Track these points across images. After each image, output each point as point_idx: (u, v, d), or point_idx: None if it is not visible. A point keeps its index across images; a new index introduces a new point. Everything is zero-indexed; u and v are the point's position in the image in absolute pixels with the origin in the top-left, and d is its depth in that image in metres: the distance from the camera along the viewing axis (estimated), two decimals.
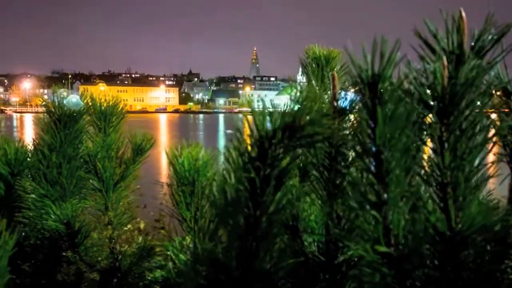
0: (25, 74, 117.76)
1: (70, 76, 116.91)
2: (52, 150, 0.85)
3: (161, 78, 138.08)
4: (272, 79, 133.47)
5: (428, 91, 0.44)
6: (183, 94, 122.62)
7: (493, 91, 0.46)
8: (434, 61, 0.43)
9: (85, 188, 0.91)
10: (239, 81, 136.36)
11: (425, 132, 0.44)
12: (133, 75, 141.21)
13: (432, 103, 0.43)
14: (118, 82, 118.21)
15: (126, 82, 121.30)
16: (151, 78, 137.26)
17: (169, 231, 0.81)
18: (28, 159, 0.94)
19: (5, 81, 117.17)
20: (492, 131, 0.46)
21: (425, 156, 0.46)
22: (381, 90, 0.40)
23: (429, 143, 0.45)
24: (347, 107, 0.62)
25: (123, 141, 0.98)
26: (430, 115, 0.44)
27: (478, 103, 0.44)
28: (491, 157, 0.48)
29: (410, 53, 0.47)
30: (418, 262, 0.43)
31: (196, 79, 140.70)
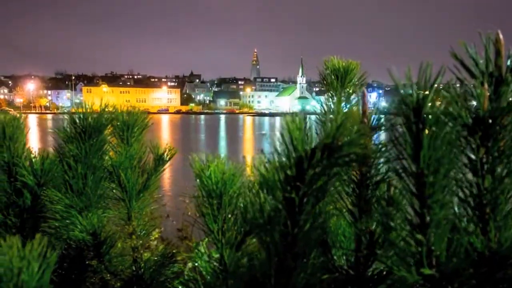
0: (29, 75, 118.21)
1: (73, 78, 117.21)
2: (77, 161, 0.86)
3: (163, 80, 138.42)
4: (273, 80, 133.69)
5: (468, 114, 0.45)
6: (185, 95, 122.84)
7: None
8: (475, 86, 0.44)
9: (109, 198, 0.92)
10: (239, 82, 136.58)
11: (465, 154, 0.45)
12: (136, 77, 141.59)
13: (473, 126, 0.44)
14: (121, 83, 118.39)
15: (129, 84, 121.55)
16: (153, 80, 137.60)
17: (194, 242, 0.82)
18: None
19: (9, 82, 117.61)
20: None
21: (463, 177, 0.47)
22: (425, 115, 0.41)
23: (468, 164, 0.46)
24: (377, 125, 0.62)
25: (144, 151, 0.99)
26: (471, 138, 0.44)
27: None
28: None
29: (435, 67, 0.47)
30: (458, 283, 0.44)
31: (197, 80, 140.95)
